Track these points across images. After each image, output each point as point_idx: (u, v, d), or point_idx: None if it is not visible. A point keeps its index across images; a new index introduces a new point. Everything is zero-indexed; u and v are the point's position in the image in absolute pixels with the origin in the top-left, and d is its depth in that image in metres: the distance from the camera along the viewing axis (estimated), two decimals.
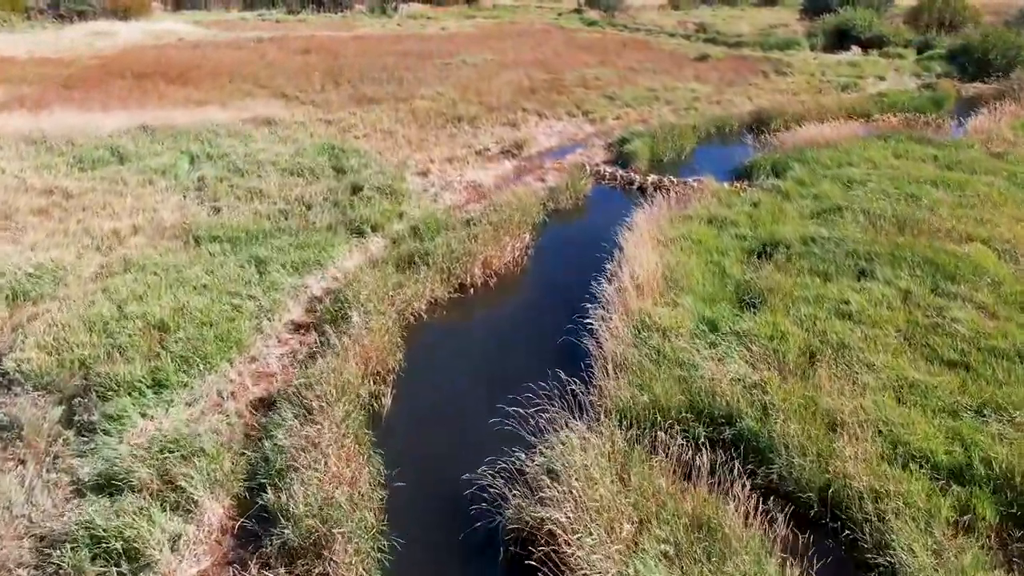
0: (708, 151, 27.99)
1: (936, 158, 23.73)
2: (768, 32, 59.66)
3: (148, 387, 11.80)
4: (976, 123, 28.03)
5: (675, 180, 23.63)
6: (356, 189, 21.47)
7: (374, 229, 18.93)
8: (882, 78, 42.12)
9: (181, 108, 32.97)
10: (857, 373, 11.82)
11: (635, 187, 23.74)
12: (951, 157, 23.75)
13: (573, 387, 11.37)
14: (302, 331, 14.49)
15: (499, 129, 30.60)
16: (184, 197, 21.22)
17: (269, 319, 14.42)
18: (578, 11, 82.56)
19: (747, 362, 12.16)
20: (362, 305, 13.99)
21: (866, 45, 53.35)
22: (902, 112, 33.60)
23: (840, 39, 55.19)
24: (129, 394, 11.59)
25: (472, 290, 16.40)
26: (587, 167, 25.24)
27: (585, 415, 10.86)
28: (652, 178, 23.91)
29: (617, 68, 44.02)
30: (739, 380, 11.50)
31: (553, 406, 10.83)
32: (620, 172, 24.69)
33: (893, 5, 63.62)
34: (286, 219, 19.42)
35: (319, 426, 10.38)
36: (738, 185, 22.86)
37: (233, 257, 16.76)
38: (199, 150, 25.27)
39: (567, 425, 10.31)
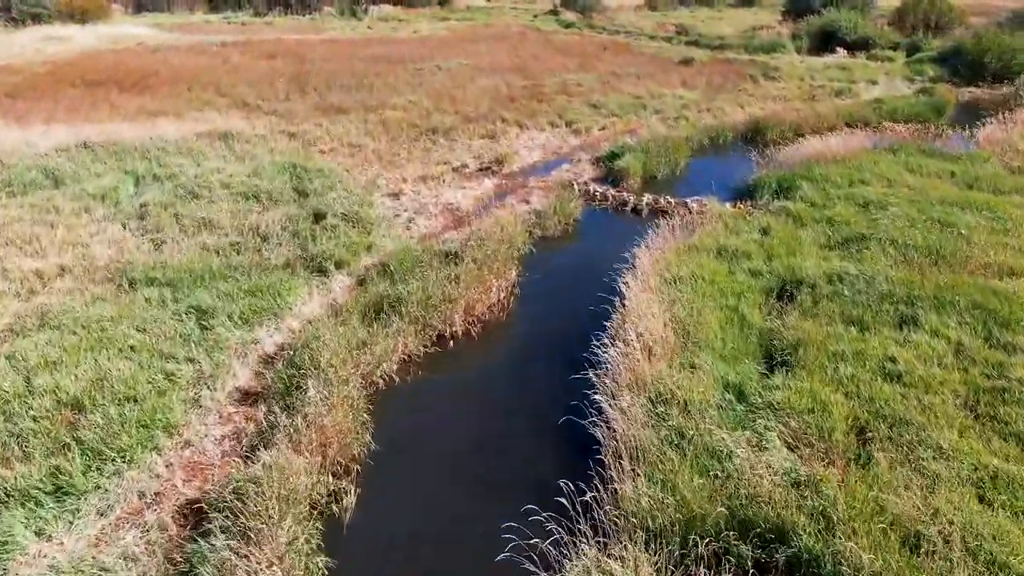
0: (704, 165, 25.94)
1: (953, 174, 21.83)
2: (751, 34, 57.90)
3: (48, 493, 9.42)
4: (987, 134, 26.22)
5: (672, 201, 21.52)
6: (319, 216, 19.11)
7: (338, 266, 16.60)
8: (874, 82, 40.38)
9: (133, 120, 30.39)
10: (923, 459, 9.72)
11: (629, 208, 21.62)
12: (969, 173, 21.87)
13: (580, 484, 9.20)
14: (250, 401, 12.12)
15: (477, 142, 28.36)
16: (124, 227, 18.75)
17: (210, 388, 12.05)
18: (554, 12, 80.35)
19: (789, 445, 10.03)
20: (321, 372, 11.66)
21: (851, 47, 51.72)
22: (901, 120, 31.85)
23: (825, 41, 53.55)
24: (23, 505, 9.20)
25: (452, 342, 14.12)
26: (575, 186, 23.07)
27: (599, 530, 8.66)
28: (647, 198, 21.78)
29: (599, 73, 41.94)
30: (785, 474, 9.34)
31: (556, 518, 8.65)
32: (612, 191, 22.53)
33: (876, 7, 62.23)
34: (238, 254, 17.04)
35: (256, 560, 8.05)
36: (742, 206, 20.79)
37: (172, 306, 14.35)
38: (145, 170, 22.75)
39: (578, 550, 8.12)
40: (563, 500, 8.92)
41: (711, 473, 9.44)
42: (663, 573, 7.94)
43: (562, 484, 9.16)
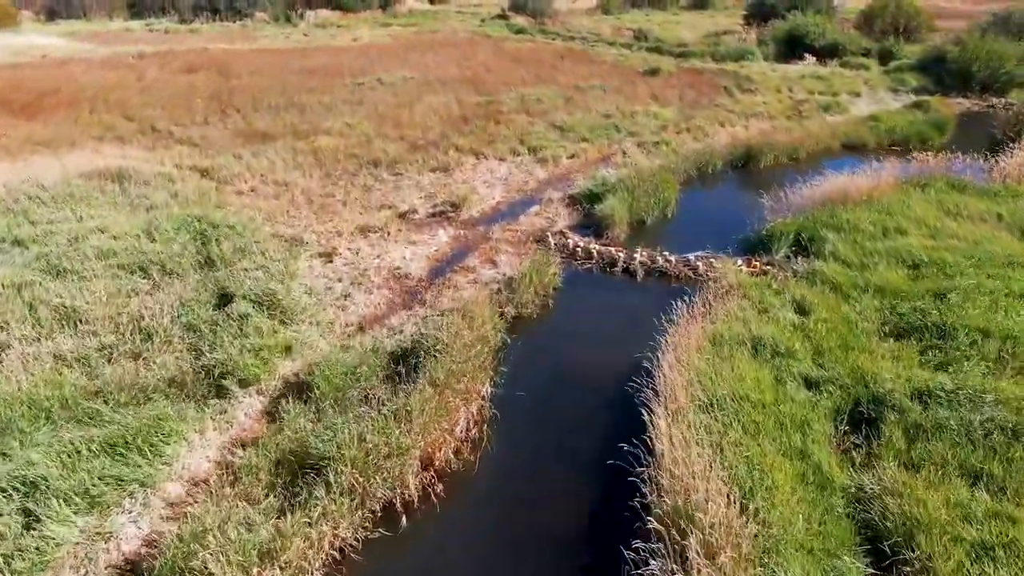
0: (697, 203, 22.03)
1: (1000, 217, 18.31)
2: (715, 40, 54.53)
3: None
4: (1015, 161, 22.70)
5: (672, 259, 17.50)
6: (225, 298, 14.59)
7: (244, 383, 12.14)
8: (856, 94, 37.23)
9: (15, 155, 25.35)
10: None
11: (619, 269, 17.48)
12: (1017, 214, 18.38)
13: None
14: None
15: (427, 177, 24.03)
16: None
17: None
18: (503, 16, 75.99)
19: None
20: None
21: (820, 54, 48.79)
22: (901, 140, 28.58)
23: (791, 47, 50.54)
24: None
25: (405, 516, 9.78)
26: (550, 238, 18.89)
27: None
28: (641, 255, 17.70)
29: (559, 86, 37.88)
30: None
31: None
32: (596, 246, 18.37)
33: (842, 10, 59.57)
34: (109, 363, 12.46)
35: None
36: (758, 264, 16.95)
37: None
38: (6, 230, 17.87)
39: None
40: None
41: None
42: None
43: None
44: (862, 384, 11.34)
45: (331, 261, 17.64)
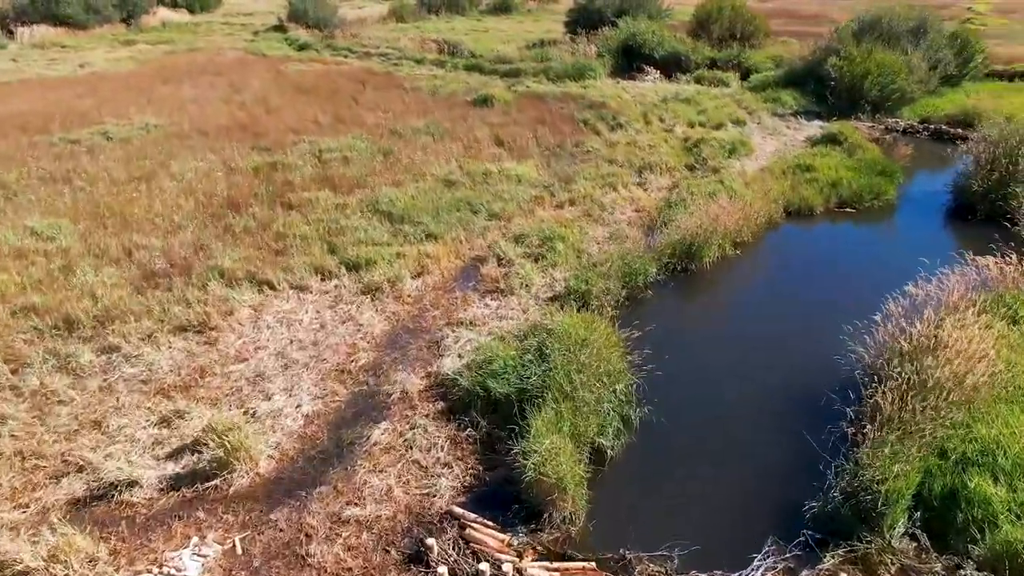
0: (665, 379, 12.54)
1: None
2: (541, 53, 45.92)
3: None
4: None
5: None
6: None
7: None
8: (741, 122, 30.01)
9: None
10: None
11: None
12: None
13: None
14: None
15: (168, 352, 13.11)
16: None
17: None
18: (280, 28, 63.03)
19: None
20: None
21: (661, 66, 42.02)
22: (850, 199, 21.23)
23: (628, 59, 43.49)
24: None
25: None
26: (435, 547, 8.77)
27: None
28: None
29: (369, 131, 27.49)
30: None
31: None
32: (541, 573, 8.53)
33: (669, 14, 53.46)
34: None
35: None
36: None
37: None
38: None
39: None
40: None
41: None
42: None
43: None
44: None
45: None
